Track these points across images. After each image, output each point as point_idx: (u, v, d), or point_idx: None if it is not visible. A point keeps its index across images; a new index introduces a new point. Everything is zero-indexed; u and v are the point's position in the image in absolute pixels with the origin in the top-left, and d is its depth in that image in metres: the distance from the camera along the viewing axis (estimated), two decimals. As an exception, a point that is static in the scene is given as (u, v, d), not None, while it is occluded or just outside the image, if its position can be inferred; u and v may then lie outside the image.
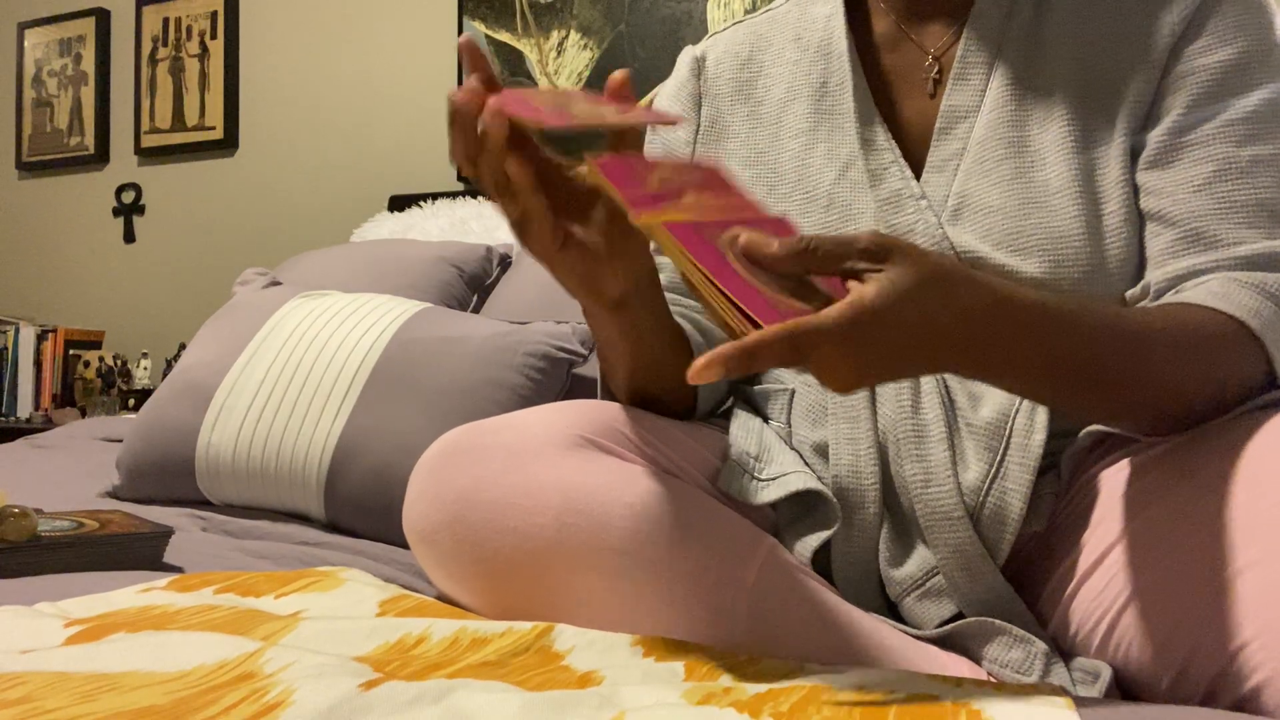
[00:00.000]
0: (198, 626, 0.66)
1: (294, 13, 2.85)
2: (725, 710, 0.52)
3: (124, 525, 0.96)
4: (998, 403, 0.76)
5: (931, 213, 0.80)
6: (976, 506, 0.74)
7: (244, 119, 2.93)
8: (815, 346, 0.54)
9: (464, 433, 0.75)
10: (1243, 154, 0.73)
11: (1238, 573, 0.58)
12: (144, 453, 1.31)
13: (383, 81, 2.72)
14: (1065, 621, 0.71)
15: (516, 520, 0.70)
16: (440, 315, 1.38)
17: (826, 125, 0.87)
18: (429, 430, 1.19)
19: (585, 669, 0.61)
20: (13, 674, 0.55)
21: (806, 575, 0.73)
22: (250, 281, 1.64)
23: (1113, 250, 0.76)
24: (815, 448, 0.82)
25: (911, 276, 0.56)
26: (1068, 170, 0.77)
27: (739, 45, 0.95)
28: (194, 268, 3.01)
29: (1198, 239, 0.73)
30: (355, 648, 0.65)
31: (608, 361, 0.83)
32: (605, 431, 0.75)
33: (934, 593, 0.76)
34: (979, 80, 0.82)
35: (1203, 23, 0.76)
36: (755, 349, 0.54)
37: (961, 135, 0.81)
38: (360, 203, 2.71)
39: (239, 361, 1.33)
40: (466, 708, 0.51)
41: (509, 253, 1.93)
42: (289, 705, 0.50)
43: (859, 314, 0.55)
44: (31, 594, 0.77)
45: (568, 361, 1.31)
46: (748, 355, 0.54)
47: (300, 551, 1.07)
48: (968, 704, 0.53)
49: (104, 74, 3.14)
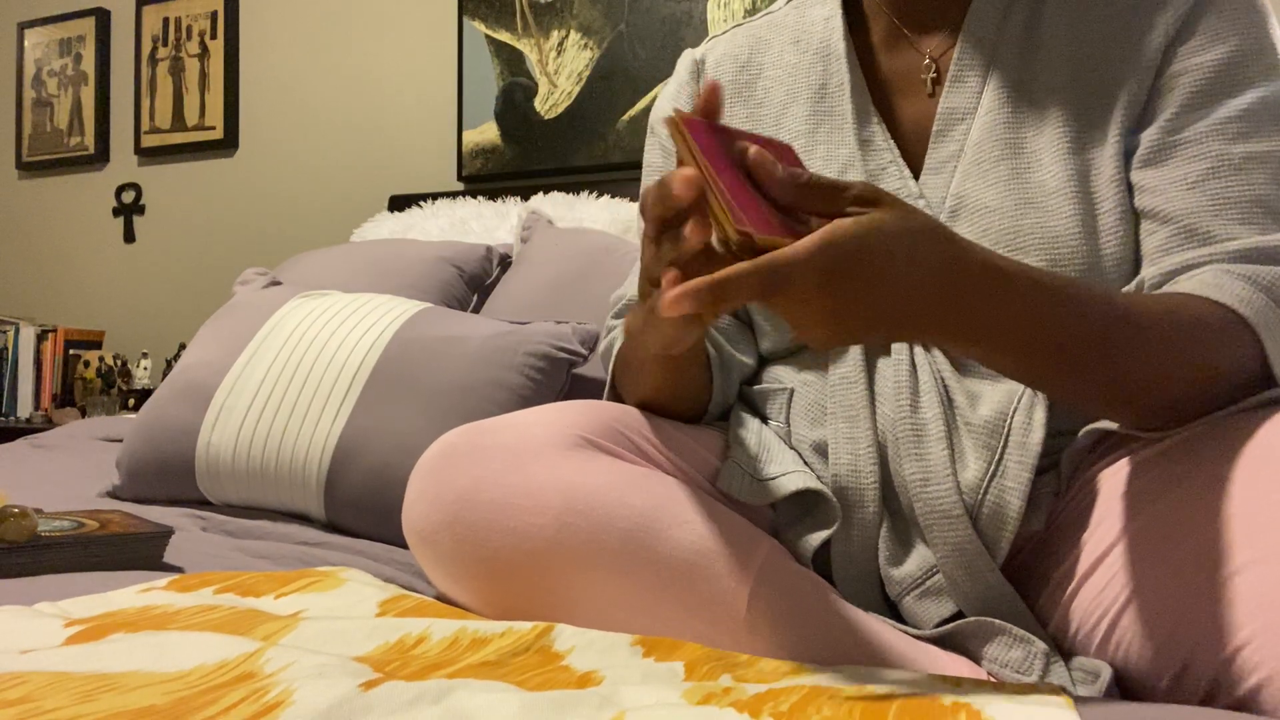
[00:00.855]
0: (198, 626, 0.66)
1: (294, 13, 2.85)
2: (725, 710, 0.52)
3: (124, 525, 0.96)
4: (996, 402, 0.76)
5: (930, 212, 0.81)
6: (975, 505, 0.74)
7: (244, 119, 2.93)
8: (789, 280, 0.54)
9: (464, 433, 0.75)
10: (1236, 151, 0.73)
11: (1237, 572, 0.58)
12: (144, 453, 1.31)
13: (383, 81, 2.72)
14: (1065, 621, 0.71)
15: (516, 520, 0.70)
16: (440, 315, 1.38)
17: (826, 126, 0.87)
18: (429, 430, 1.19)
19: (585, 669, 0.61)
20: (13, 674, 0.55)
21: (806, 575, 0.73)
22: (250, 281, 1.65)
23: (1109, 249, 0.76)
24: (814, 447, 0.83)
25: (896, 220, 0.56)
26: (1063, 171, 0.77)
27: (738, 48, 0.95)
28: (194, 268, 3.01)
29: (1191, 235, 0.73)
30: (355, 648, 0.65)
31: (631, 377, 0.83)
32: (605, 432, 0.75)
33: (933, 591, 0.76)
34: (975, 82, 0.82)
35: (1196, 22, 0.76)
36: (728, 281, 0.53)
37: (959, 137, 0.82)
38: (360, 203, 2.71)
39: (239, 361, 1.33)
40: (466, 708, 0.51)
41: (509, 253, 1.93)
42: (289, 705, 0.50)
43: (835, 245, 0.54)
44: (31, 594, 0.77)
45: (568, 361, 1.31)
46: (720, 288, 0.53)
47: (300, 551, 1.07)
48: (968, 704, 0.53)
49: (104, 74, 3.14)
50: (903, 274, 0.56)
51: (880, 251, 0.55)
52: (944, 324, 0.60)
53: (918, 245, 0.57)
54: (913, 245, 0.56)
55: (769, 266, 0.53)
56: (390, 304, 1.39)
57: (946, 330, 0.60)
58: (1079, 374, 0.64)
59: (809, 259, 0.54)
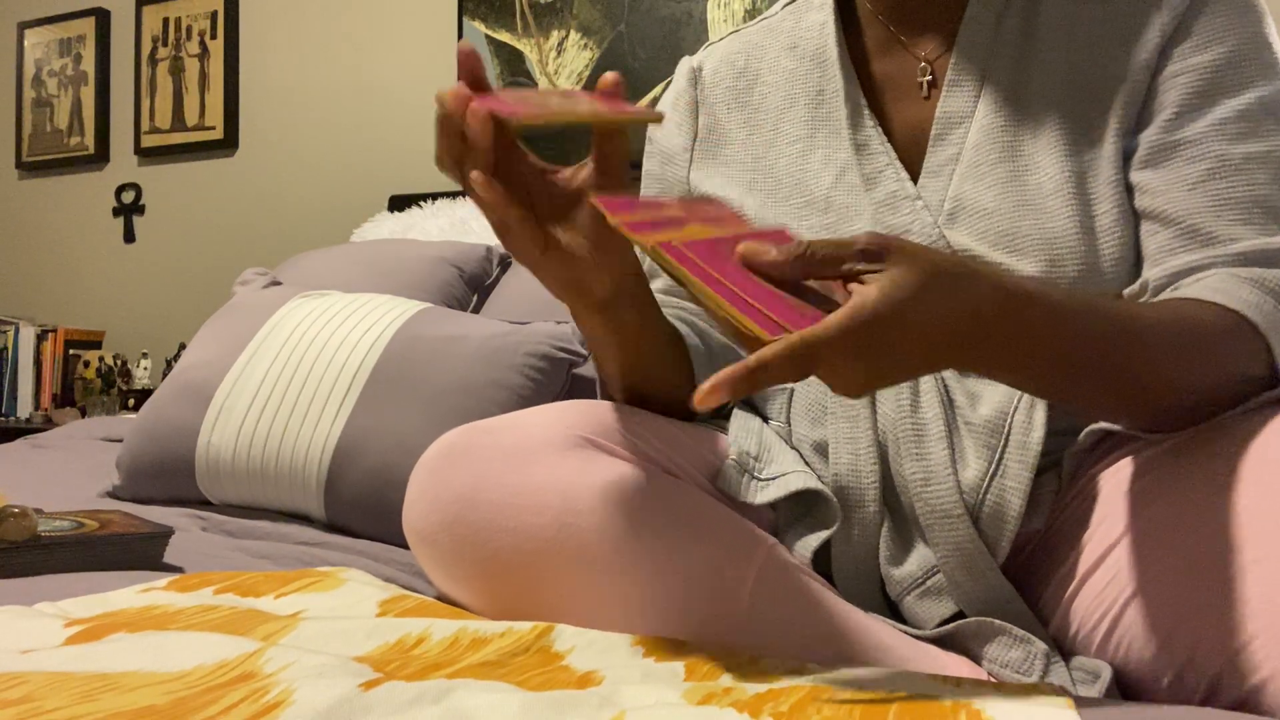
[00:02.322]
0: (198, 626, 0.66)
1: (294, 13, 2.85)
2: (725, 710, 0.52)
3: (124, 525, 0.96)
4: (996, 401, 0.76)
5: (928, 213, 0.81)
6: (976, 504, 0.74)
7: (244, 119, 2.93)
8: (820, 357, 0.54)
9: (464, 433, 0.75)
10: (1235, 151, 0.74)
11: (1238, 572, 0.58)
12: (144, 453, 1.31)
13: (383, 81, 2.72)
14: (1066, 621, 0.71)
15: (516, 521, 0.70)
16: (440, 315, 1.38)
17: (824, 131, 0.87)
18: (429, 430, 1.18)
19: (585, 669, 0.61)
20: (13, 674, 0.55)
21: (806, 575, 0.73)
22: (250, 281, 1.65)
23: (1107, 250, 0.76)
24: (815, 446, 0.83)
25: (914, 276, 0.56)
26: (1061, 172, 0.77)
27: (735, 54, 0.96)
28: (194, 268, 3.01)
29: (1194, 236, 0.73)
30: (355, 648, 0.65)
31: (599, 360, 0.83)
32: (605, 432, 0.75)
33: (934, 591, 0.76)
34: (972, 85, 0.82)
35: (1192, 23, 0.77)
36: (760, 367, 0.54)
37: (956, 140, 0.82)
38: (360, 203, 2.71)
39: (239, 361, 1.33)
40: (466, 708, 0.51)
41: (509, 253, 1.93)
42: (289, 705, 0.50)
43: (862, 318, 0.54)
44: (31, 594, 0.77)
45: (568, 361, 1.31)
46: (753, 374, 0.54)
47: (300, 551, 1.07)
48: (968, 704, 0.53)
49: (104, 74, 3.14)
50: (927, 326, 0.57)
51: (905, 314, 0.56)
52: (970, 359, 0.61)
53: (938, 296, 0.57)
54: (933, 298, 0.57)
55: (802, 348, 0.54)
56: (390, 304, 1.39)
57: (973, 363, 0.61)
58: (1091, 386, 0.65)
59: (838, 336, 0.54)
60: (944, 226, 0.80)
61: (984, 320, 0.59)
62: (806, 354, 0.54)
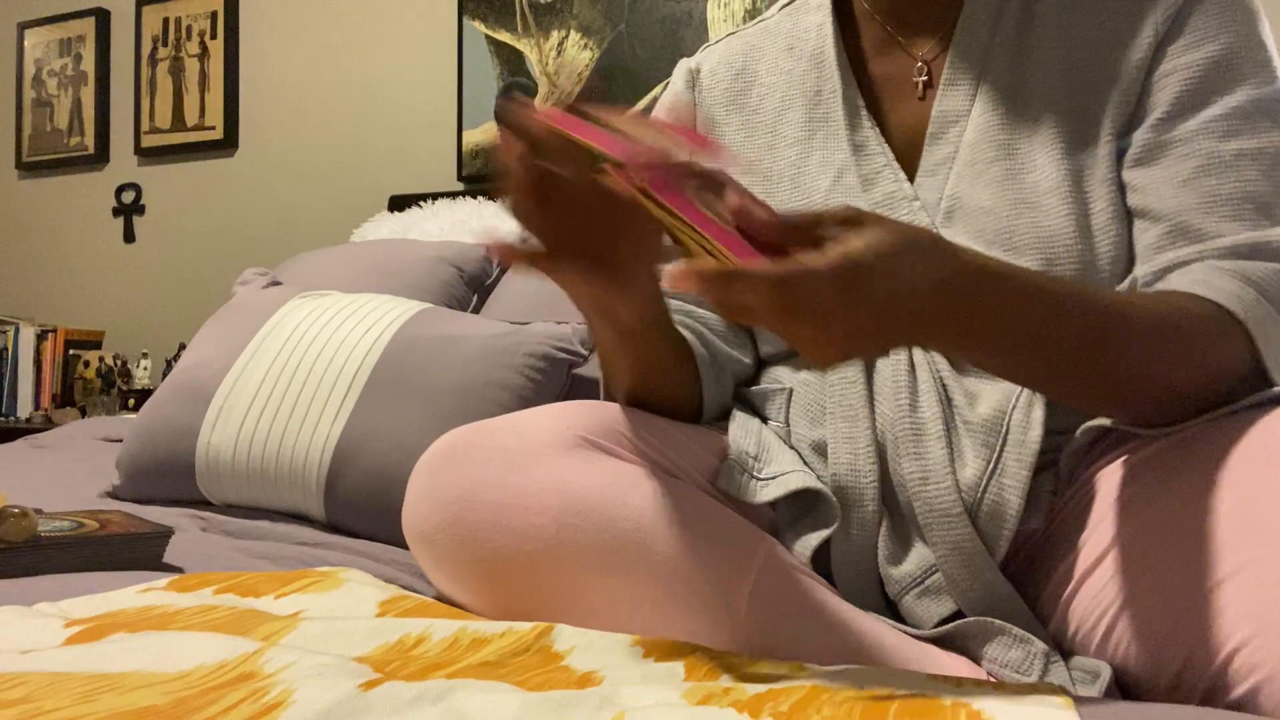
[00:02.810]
0: (198, 627, 0.66)
1: (294, 13, 2.85)
2: (725, 710, 0.52)
3: (124, 525, 0.96)
4: (994, 400, 0.76)
5: (925, 213, 0.81)
6: (974, 503, 0.74)
7: (244, 119, 2.93)
8: (802, 294, 0.53)
9: (463, 433, 0.75)
10: (1226, 148, 0.74)
11: (1236, 572, 0.58)
12: (144, 453, 1.31)
13: (383, 82, 2.72)
14: (1065, 621, 0.71)
15: (516, 521, 0.70)
16: (440, 315, 1.38)
17: (822, 132, 0.88)
18: (429, 430, 1.19)
19: (585, 669, 0.61)
20: (13, 674, 0.55)
21: (806, 575, 0.73)
22: (250, 281, 1.65)
23: (1103, 248, 0.76)
24: (814, 446, 0.83)
25: (892, 238, 0.56)
26: (1056, 171, 0.77)
27: (732, 56, 0.96)
28: (194, 268, 3.01)
29: (1183, 232, 0.73)
30: (355, 648, 0.65)
31: (608, 368, 0.83)
32: (605, 432, 0.75)
33: (933, 591, 0.76)
34: (968, 85, 0.82)
35: (1185, 22, 0.77)
36: (741, 274, 0.53)
37: (953, 140, 0.82)
38: (360, 203, 2.71)
39: (239, 362, 1.33)
40: (466, 708, 0.51)
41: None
42: (289, 705, 0.50)
43: (855, 259, 0.54)
44: (31, 594, 0.77)
45: (568, 362, 1.31)
46: (731, 278, 0.53)
47: (300, 552, 1.07)
48: (967, 703, 0.53)
49: (104, 74, 3.14)
50: (909, 287, 0.56)
51: (891, 268, 0.55)
52: (944, 331, 0.60)
53: (913, 260, 0.57)
54: (909, 260, 0.56)
55: (788, 276, 0.52)
56: (390, 304, 1.39)
57: (945, 337, 0.61)
58: (1070, 372, 0.65)
59: (831, 274, 0.53)
60: (941, 226, 0.80)
61: (958, 292, 0.59)
62: (792, 285, 0.53)
